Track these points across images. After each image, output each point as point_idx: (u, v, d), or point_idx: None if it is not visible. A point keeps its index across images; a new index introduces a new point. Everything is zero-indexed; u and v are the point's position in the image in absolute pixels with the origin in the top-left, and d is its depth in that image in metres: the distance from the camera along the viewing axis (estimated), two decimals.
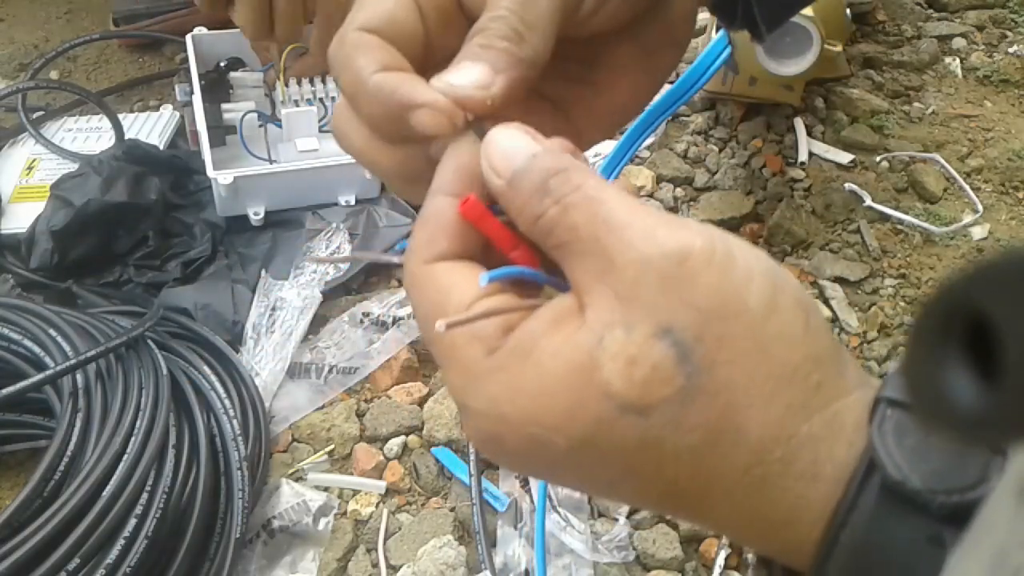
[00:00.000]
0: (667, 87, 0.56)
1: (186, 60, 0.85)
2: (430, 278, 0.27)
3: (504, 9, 0.30)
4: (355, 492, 0.63)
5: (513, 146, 0.27)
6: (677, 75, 0.65)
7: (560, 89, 0.36)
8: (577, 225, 0.25)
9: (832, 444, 0.25)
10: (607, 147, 0.87)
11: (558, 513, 0.59)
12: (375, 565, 0.59)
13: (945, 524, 0.23)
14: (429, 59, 0.32)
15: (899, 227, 0.81)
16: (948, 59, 1.01)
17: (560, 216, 0.25)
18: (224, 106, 0.81)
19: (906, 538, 0.23)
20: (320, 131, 0.82)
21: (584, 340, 0.25)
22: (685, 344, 0.24)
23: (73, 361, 0.56)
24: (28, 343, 0.59)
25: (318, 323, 0.72)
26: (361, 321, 0.72)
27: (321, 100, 0.84)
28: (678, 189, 0.84)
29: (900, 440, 0.24)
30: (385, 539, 0.60)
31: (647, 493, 0.26)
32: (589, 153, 0.86)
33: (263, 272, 0.75)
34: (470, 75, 0.29)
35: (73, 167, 0.79)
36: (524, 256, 0.28)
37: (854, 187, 0.83)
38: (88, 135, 0.86)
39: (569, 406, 0.24)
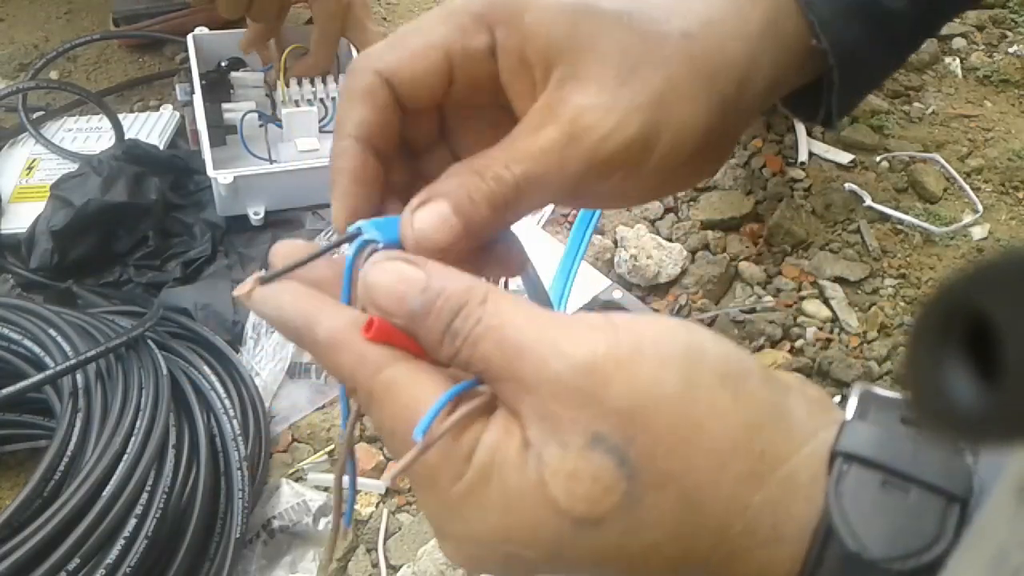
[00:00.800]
0: None
1: (186, 60, 0.85)
2: (388, 397, 0.27)
3: (511, 175, 0.29)
4: (355, 492, 0.63)
5: (398, 284, 0.27)
6: None
7: None
8: (488, 356, 0.26)
9: (789, 504, 0.25)
10: None
11: None
12: (375, 565, 0.59)
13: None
14: (446, 102, 0.32)
15: (899, 227, 0.81)
16: (948, 59, 1.00)
17: (471, 352, 0.26)
18: (224, 106, 0.81)
19: None
20: (320, 131, 0.82)
21: (530, 458, 0.25)
22: (619, 448, 0.24)
23: (73, 361, 0.56)
24: (28, 343, 0.59)
25: None
26: None
27: (321, 100, 0.84)
28: None
29: (856, 501, 0.24)
30: (385, 539, 0.60)
31: None
32: None
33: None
34: (438, 226, 0.29)
35: (73, 167, 0.79)
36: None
37: (854, 187, 0.83)
38: (88, 135, 0.86)
39: (532, 524, 0.25)
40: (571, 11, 0.30)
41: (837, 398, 0.67)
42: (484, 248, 0.31)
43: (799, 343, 0.71)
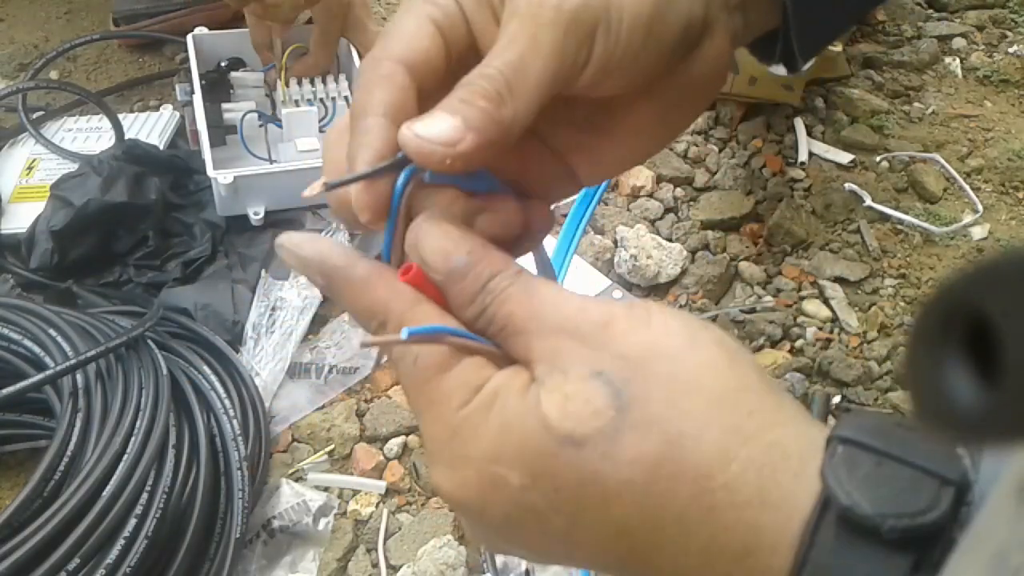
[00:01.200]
0: None
1: (186, 60, 0.85)
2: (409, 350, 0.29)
3: (494, 68, 0.30)
4: (355, 492, 0.63)
5: (444, 245, 0.29)
6: None
7: (562, 135, 0.36)
8: (512, 312, 0.28)
9: (775, 471, 0.25)
10: None
11: None
12: (375, 565, 0.59)
13: (900, 553, 0.23)
14: (448, 87, 0.32)
15: (899, 227, 0.81)
16: (948, 59, 1.01)
17: (499, 307, 0.28)
18: (224, 106, 0.81)
19: (866, 572, 0.23)
20: (320, 131, 0.82)
21: (532, 388, 0.27)
22: (615, 384, 0.26)
23: (73, 361, 0.56)
24: (28, 343, 0.59)
25: (318, 323, 0.72)
26: None
27: (322, 100, 0.84)
28: (678, 189, 0.84)
29: (851, 471, 0.24)
30: (385, 539, 0.60)
31: (601, 540, 0.27)
32: None
33: (263, 272, 0.75)
34: (439, 128, 0.29)
35: (73, 167, 0.79)
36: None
37: (854, 187, 0.83)
38: (88, 135, 0.86)
39: (521, 441, 0.27)
40: None
41: (837, 398, 0.67)
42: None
43: (799, 343, 0.71)
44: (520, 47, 0.30)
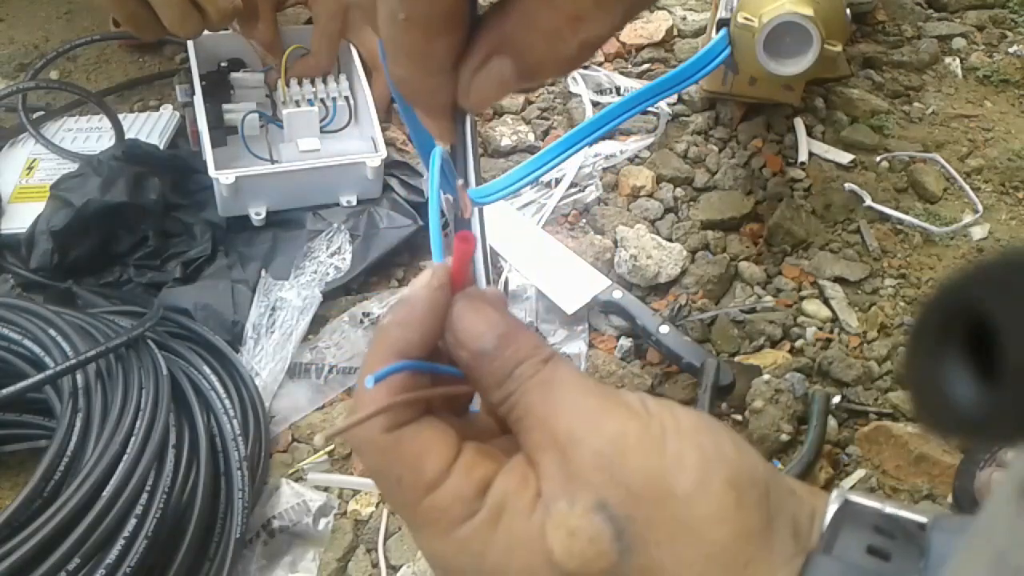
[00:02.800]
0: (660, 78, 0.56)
1: (186, 60, 0.85)
2: (396, 447, 0.28)
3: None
4: (355, 492, 0.63)
5: (478, 327, 0.29)
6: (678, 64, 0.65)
7: None
8: (532, 405, 0.28)
9: None
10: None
11: None
12: (375, 565, 0.59)
13: None
14: None
15: (899, 227, 0.81)
16: (948, 59, 1.01)
17: (520, 397, 0.28)
18: (225, 106, 0.81)
19: None
20: (321, 131, 0.82)
21: (539, 507, 0.27)
22: (618, 520, 0.26)
23: (73, 361, 0.56)
24: (28, 343, 0.59)
25: (318, 323, 0.72)
26: (361, 321, 0.72)
27: (322, 100, 0.84)
28: (678, 189, 0.84)
29: None
30: (385, 539, 0.60)
31: None
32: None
33: (263, 272, 0.75)
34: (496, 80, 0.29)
35: (73, 167, 0.79)
36: None
37: (854, 187, 0.83)
38: (88, 135, 0.86)
39: (526, 569, 0.27)
40: None
41: (837, 398, 0.67)
42: None
43: (799, 343, 0.71)
44: None
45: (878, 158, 0.87)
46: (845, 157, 0.87)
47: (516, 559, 0.27)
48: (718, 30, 0.75)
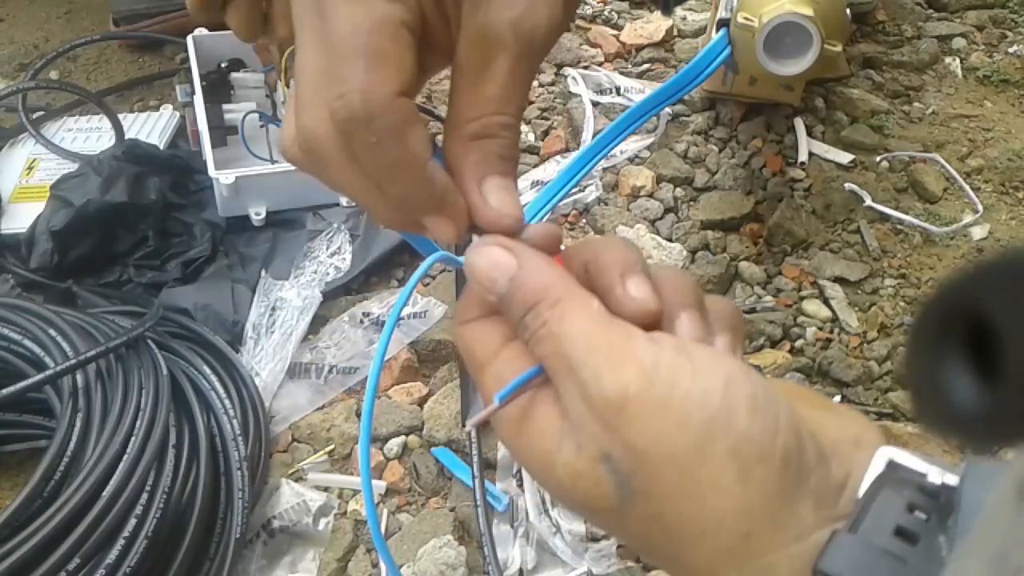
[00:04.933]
0: (662, 83, 0.56)
1: (186, 60, 0.85)
2: (459, 339, 0.32)
3: (511, 113, 0.31)
4: (355, 492, 0.63)
5: (491, 270, 0.30)
6: (676, 69, 0.65)
7: None
8: (546, 357, 0.29)
9: None
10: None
11: (549, 518, 0.59)
12: (375, 565, 0.59)
13: None
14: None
15: (899, 227, 0.81)
16: (948, 59, 1.01)
17: (534, 347, 0.29)
18: (225, 106, 0.81)
19: None
20: None
21: (554, 436, 0.29)
22: (622, 473, 0.27)
23: (73, 361, 0.56)
24: (28, 343, 0.59)
25: (318, 323, 0.72)
26: (361, 321, 0.72)
27: None
28: (678, 189, 0.84)
29: None
30: (385, 539, 0.60)
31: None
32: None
33: (263, 272, 0.75)
34: (510, 199, 0.31)
35: (73, 167, 0.79)
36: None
37: (854, 187, 0.83)
38: (88, 135, 0.86)
39: (542, 480, 0.30)
40: None
41: (837, 398, 0.67)
42: None
43: (799, 343, 0.71)
44: (522, 84, 0.31)
45: (878, 158, 0.87)
46: (845, 157, 0.87)
47: (533, 465, 0.29)
48: (718, 30, 0.75)
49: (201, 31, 0.87)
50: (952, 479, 0.26)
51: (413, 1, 0.29)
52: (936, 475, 0.27)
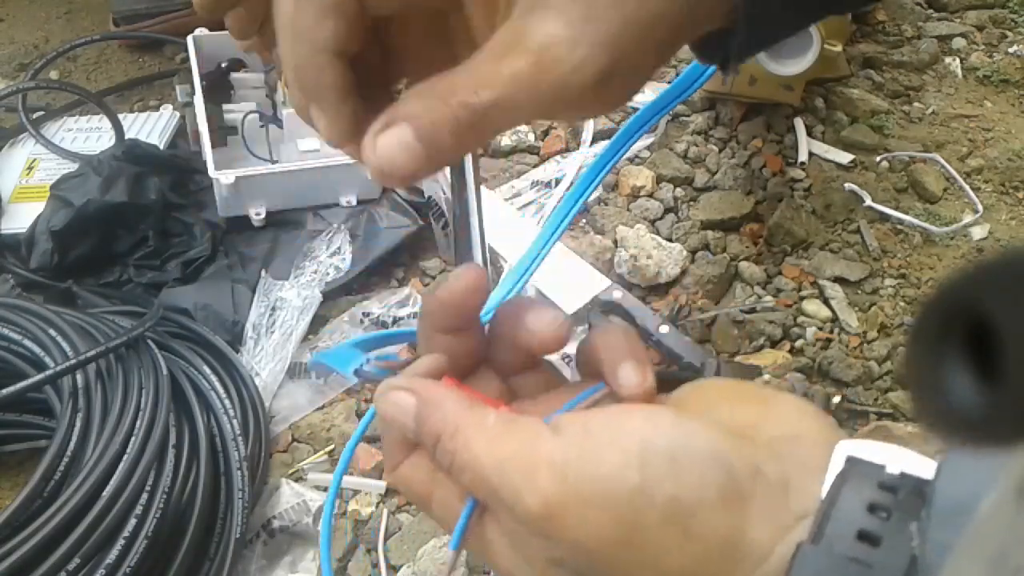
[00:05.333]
0: (664, 86, 0.56)
1: (186, 60, 0.85)
2: (395, 484, 0.33)
3: (480, 100, 0.29)
4: (355, 492, 0.63)
5: (397, 415, 0.31)
6: (677, 73, 0.65)
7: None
8: (468, 485, 0.29)
9: None
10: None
11: None
12: (375, 565, 0.59)
13: None
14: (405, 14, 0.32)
15: (899, 227, 0.81)
16: (948, 59, 1.01)
17: (456, 479, 0.30)
18: (225, 107, 0.81)
19: None
20: None
21: (509, 559, 0.30)
22: (578, 571, 0.28)
23: (73, 361, 0.56)
24: (28, 343, 0.59)
25: (318, 323, 0.72)
26: (361, 321, 0.72)
27: None
28: (678, 189, 0.84)
29: None
30: (385, 539, 0.60)
31: None
32: (585, 151, 0.86)
33: (263, 272, 0.75)
34: (399, 150, 0.29)
35: (73, 167, 0.79)
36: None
37: (854, 187, 0.83)
38: (88, 135, 0.86)
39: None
40: None
41: (837, 398, 0.67)
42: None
43: (799, 343, 0.71)
44: (515, 92, 0.29)
45: (878, 158, 0.87)
46: (845, 157, 0.87)
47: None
48: None
49: (201, 31, 0.87)
50: (912, 464, 0.27)
51: None
52: (895, 464, 0.27)
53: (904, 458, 0.27)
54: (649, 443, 0.27)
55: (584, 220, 0.82)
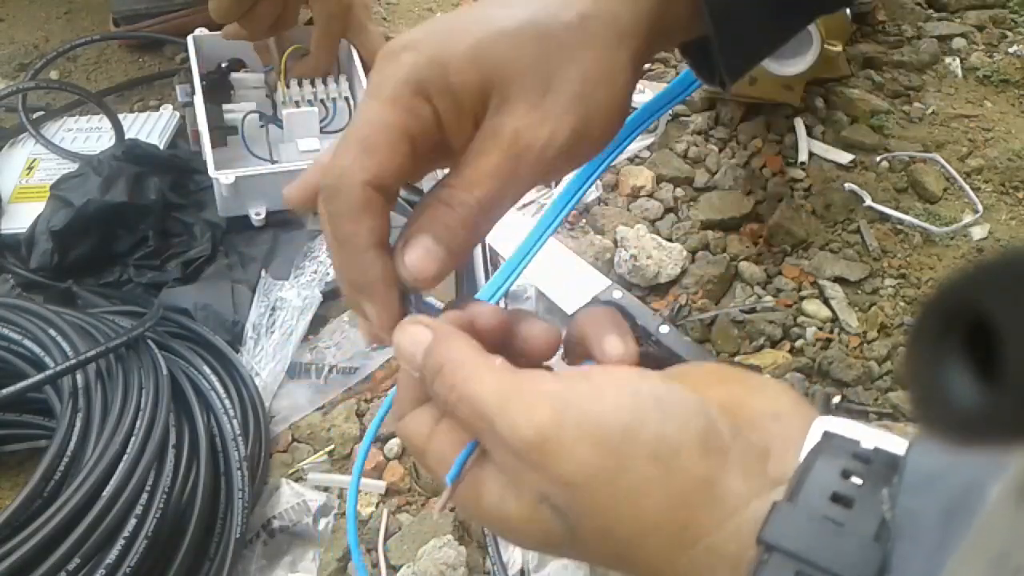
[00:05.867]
0: (663, 86, 0.56)
1: (186, 60, 0.85)
2: (399, 433, 0.35)
3: (475, 199, 0.33)
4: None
5: (409, 345, 0.33)
6: (676, 73, 0.65)
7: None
8: (466, 419, 0.31)
9: (715, 569, 0.28)
10: None
11: None
12: (375, 565, 0.59)
13: None
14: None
15: (899, 227, 0.81)
16: (948, 59, 1.01)
17: (453, 411, 0.31)
18: (225, 107, 0.81)
19: None
20: (321, 132, 0.82)
21: (499, 496, 0.31)
22: (560, 509, 0.29)
23: (73, 361, 0.56)
24: (28, 343, 0.59)
25: (318, 323, 0.72)
26: None
27: (322, 101, 0.84)
28: (678, 189, 0.84)
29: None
30: (385, 539, 0.60)
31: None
32: None
33: (263, 272, 0.75)
34: (430, 259, 0.33)
35: (73, 167, 0.79)
36: None
37: (854, 187, 0.83)
38: (88, 135, 0.86)
39: (508, 536, 0.33)
40: (482, 48, 0.33)
41: (837, 398, 0.67)
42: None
43: (799, 343, 0.71)
44: (500, 183, 0.34)
45: (878, 158, 0.87)
46: (845, 157, 0.87)
47: (495, 526, 0.32)
48: None
49: (201, 31, 0.87)
50: (886, 443, 0.28)
51: (429, 116, 0.33)
52: (869, 440, 0.28)
53: (879, 436, 0.29)
54: (640, 390, 0.29)
55: (584, 220, 0.82)
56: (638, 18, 0.36)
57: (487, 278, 0.39)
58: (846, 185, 0.83)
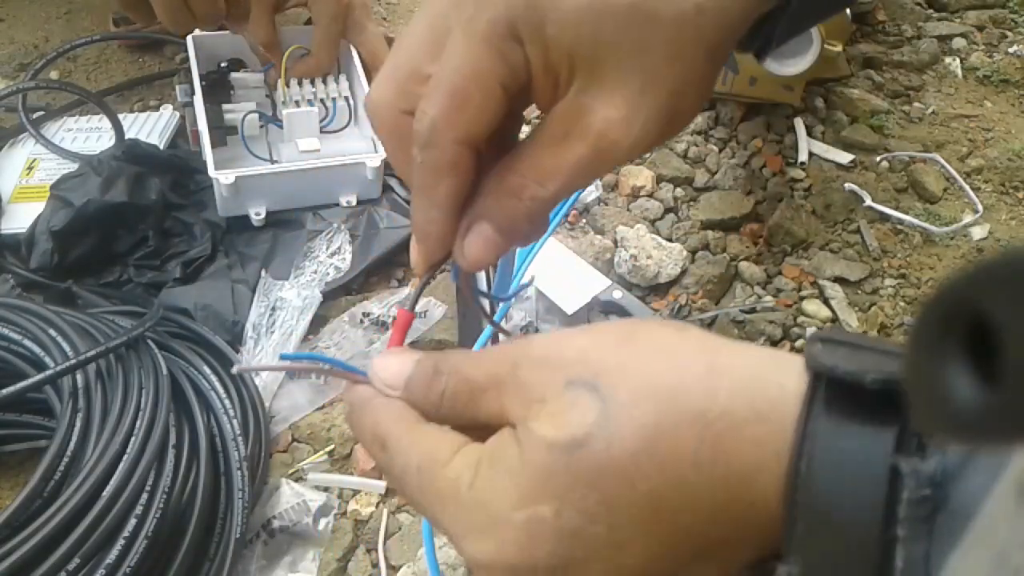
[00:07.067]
0: None
1: (186, 60, 0.85)
2: (413, 441, 0.31)
3: (549, 192, 0.32)
4: (355, 492, 0.63)
5: (398, 363, 0.31)
6: None
7: None
8: (470, 376, 0.30)
9: (758, 390, 0.27)
10: None
11: None
12: (375, 565, 0.59)
13: (884, 412, 0.24)
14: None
15: (899, 227, 0.81)
16: (948, 59, 1.01)
17: (456, 382, 0.30)
18: (225, 106, 0.81)
19: (857, 448, 0.24)
20: (321, 132, 0.82)
21: (520, 429, 0.28)
22: (589, 383, 0.27)
23: (73, 361, 0.56)
24: (28, 343, 0.59)
25: (318, 323, 0.72)
26: (361, 321, 0.72)
27: (322, 101, 0.84)
28: (678, 189, 0.84)
29: (831, 354, 0.26)
30: (385, 539, 0.60)
31: (640, 529, 0.27)
32: None
33: (263, 272, 0.75)
34: (484, 247, 0.33)
35: (73, 167, 0.79)
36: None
37: (854, 187, 0.83)
38: (88, 135, 0.86)
39: (533, 476, 0.28)
40: (589, 12, 0.30)
41: None
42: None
43: (799, 343, 0.71)
44: (579, 178, 0.32)
45: (878, 158, 0.87)
46: (845, 157, 0.87)
47: (523, 476, 0.28)
48: None
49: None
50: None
51: (521, 64, 0.31)
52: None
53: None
54: (645, 375, 0.28)
55: (584, 220, 0.82)
56: (747, 11, 0.32)
57: (487, 278, 0.39)
58: (846, 185, 0.83)
